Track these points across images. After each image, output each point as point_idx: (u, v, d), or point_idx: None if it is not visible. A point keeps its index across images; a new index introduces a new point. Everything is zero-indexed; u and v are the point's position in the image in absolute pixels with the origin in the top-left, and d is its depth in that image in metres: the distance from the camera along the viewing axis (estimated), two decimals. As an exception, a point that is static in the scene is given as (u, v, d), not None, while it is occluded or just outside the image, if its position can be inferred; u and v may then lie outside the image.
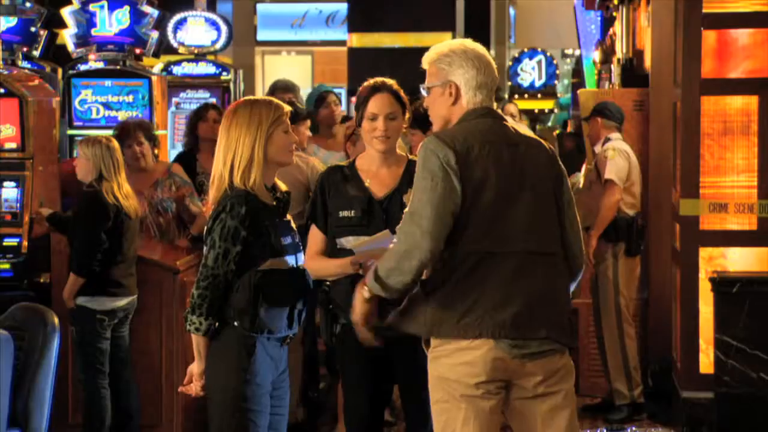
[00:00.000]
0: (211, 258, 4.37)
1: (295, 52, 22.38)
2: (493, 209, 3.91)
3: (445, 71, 4.05)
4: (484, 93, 4.03)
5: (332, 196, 4.79)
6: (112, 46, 9.54)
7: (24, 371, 5.00)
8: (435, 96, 4.07)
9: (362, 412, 4.80)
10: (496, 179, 3.91)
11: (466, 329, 3.89)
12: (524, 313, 3.90)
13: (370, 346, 4.36)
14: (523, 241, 3.93)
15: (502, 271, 3.90)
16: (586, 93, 9.14)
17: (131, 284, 6.57)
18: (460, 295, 3.90)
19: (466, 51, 4.05)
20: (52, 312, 5.19)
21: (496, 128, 4.03)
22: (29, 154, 7.42)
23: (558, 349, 3.98)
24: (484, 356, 3.90)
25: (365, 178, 4.79)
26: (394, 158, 4.82)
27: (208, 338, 4.41)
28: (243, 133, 4.41)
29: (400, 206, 4.68)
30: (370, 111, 4.75)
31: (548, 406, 3.98)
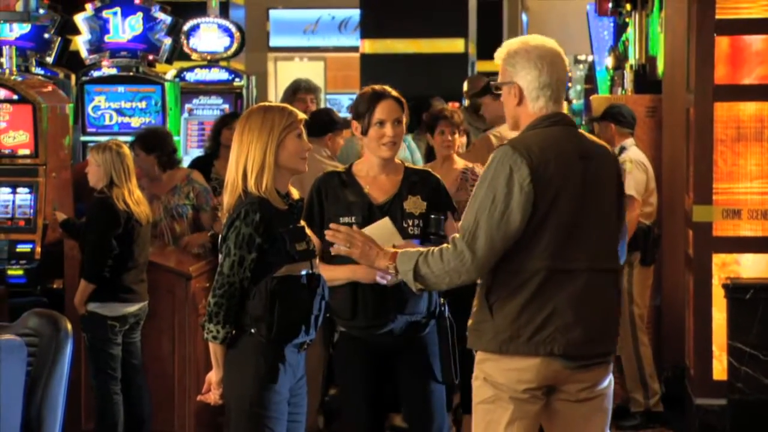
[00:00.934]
0: (227, 266, 4.36)
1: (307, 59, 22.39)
2: (564, 226, 3.87)
3: (509, 72, 4.00)
4: (548, 94, 3.96)
5: (330, 202, 4.78)
6: (125, 53, 9.56)
7: (37, 377, 5.00)
8: (504, 95, 4.04)
9: (361, 420, 4.79)
10: (568, 196, 3.88)
11: (537, 347, 3.89)
12: (593, 330, 3.93)
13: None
14: (591, 258, 3.92)
15: (572, 289, 3.89)
16: (598, 99, 9.14)
17: (142, 290, 6.57)
18: (530, 312, 3.88)
19: (529, 51, 3.97)
20: (65, 318, 5.18)
21: (570, 138, 3.98)
22: (42, 161, 7.44)
23: (608, 360, 4.04)
24: (538, 366, 3.91)
25: (364, 185, 4.78)
26: (392, 165, 4.83)
27: (225, 346, 4.41)
28: (255, 139, 4.41)
29: (401, 213, 4.69)
30: (378, 117, 4.74)
31: (588, 409, 4.01)
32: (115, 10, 9.61)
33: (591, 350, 3.95)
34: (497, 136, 7.45)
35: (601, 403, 4.04)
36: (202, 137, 11.55)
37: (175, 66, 11.49)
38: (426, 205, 4.73)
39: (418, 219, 4.70)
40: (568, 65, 4.21)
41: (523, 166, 3.83)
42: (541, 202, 3.84)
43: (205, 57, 12.21)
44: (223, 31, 12.25)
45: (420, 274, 3.97)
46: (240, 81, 12.09)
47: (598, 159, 4.00)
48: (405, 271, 4.00)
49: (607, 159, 4.06)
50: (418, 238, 4.66)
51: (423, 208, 4.72)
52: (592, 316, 3.92)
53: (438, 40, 17.28)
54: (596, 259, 3.93)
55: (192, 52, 12.19)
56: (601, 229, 3.95)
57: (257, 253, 4.36)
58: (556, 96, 3.98)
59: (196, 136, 11.73)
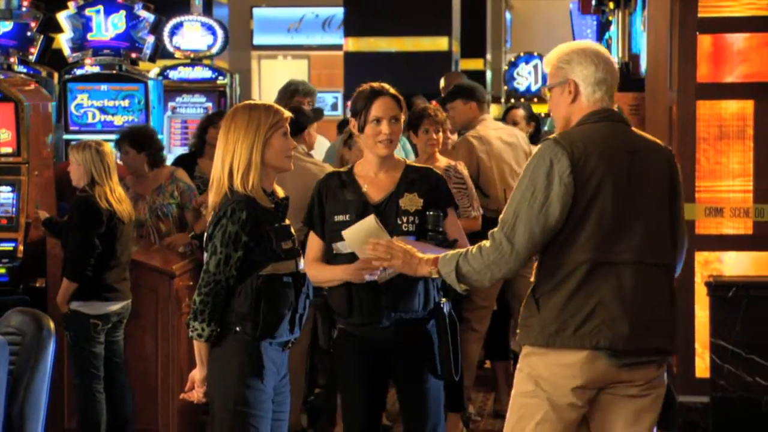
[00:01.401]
0: (213, 264, 4.36)
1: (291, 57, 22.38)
2: (607, 219, 3.89)
3: (564, 70, 4.04)
4: (603, 89, 4.02)
5: (329, 202, 4.79)
6: (108, 51, 9.55)
7: (19, 376, 4.99)
8: (555, 97, 4.07)
9: (359, 416, 4.80)
10: (611, 189, 3.89)
11: (583, 339, 3.90)
12: (641, 324, 3.92)
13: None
14: (638, 252, 3.93)
15: (618, 282, 3.90)
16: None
17: (125, 289, 6.56)
18: (575, 304, 3.90)
19: (585, 49, 4.05)
20: (47, 317, 5.17)
21: (617, 133, 4.01)
22: (25, 159, 7.42)
23: (661, 359, 4.03)
24: (584, 361, 3.92)
25: (363, 183, 4.79)
26: (391, 163, 4.83)
27: (210, 344, 4.41)
28: (241, 137, 4.40)
29: (396, 211, 4.69)
30: (374, 115, 4.74)
31: (635, 407, 4.02)
32: (98, 8, 9.59)
33: (639, 345, 3.93)
34: (476, 137, 7.46)
35: (650, 404, 4.03)
36: (186, 135, 11.54)
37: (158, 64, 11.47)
38: (423, 202, 4.72)
39: (413, 216, 4.69)
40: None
41: (564, 159, 3.87)
42: (581, 195, 3.87)
43: (188, 55, 12.20)
44: (206, 29, 12.24)
45: (461, 273, 4.00)
46: (223, 79, 12.07)
47: (648, 154, 4.02)
48: (447, 273, 4.04)
49: (659, 155, 4.07)
50: (414, 234, 4.66)
51: (419, 205, 4.71)
52: (640, 310, 3.92)
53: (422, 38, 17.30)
54: (644, 253, 3.94)
55: (175, 50, 12.18)
56: (649, 223, 3.96)
57: (243, 252, 4.36)
58: (610, 93, 4.05)
59: (179, 135, 11.72)
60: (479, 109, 7.63)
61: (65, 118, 9.25)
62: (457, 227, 4.83)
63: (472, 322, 7.25)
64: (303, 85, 8.21)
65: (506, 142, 7.51)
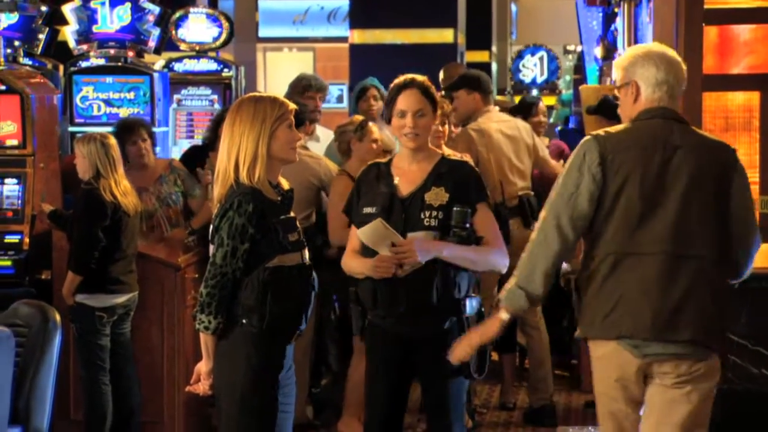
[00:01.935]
0: (220, 256, 4.36)
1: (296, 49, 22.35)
2: (634, 211, 4.04)
3: (628, 72, 4.22)
4: (664, 89, 4.17)
5: (363, 194, 4.81)
6: (113, 43, 9.55)
7: (25, 368, 5.00)
8: (622, 97, 4.26)
9: (381, 403, 4.81)
10: (638, 182, 4.05)
11: (608, 329, 4.06)
12: (665, 315, 4.01)
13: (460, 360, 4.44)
14: (666, 243, 4.03)
15: (643, 273, 4.03)
16: (587, 89, 9.12)
17: (131, 281, 6.56)
18: (603, 295, 4.06)
19: (649, 52, 4.24)
20: (53, 309, 5.20)
21: (662, 130, 4.14)
22: (30, 151, 7.43)
23: (695, 353, 4.08)
24: (611, 353, 4.08)
25: (396, 176, 4.78)
26: (424, 155, 4.80)
27: (216, 337, 4.41)
28: (247, 129, 4.40)
29: (420, 205, 4.67)
30: (399, 108, 4.75)
31: (666, 398, 4.11)
32: (103, 0, 9.59)
33: (662, 336, 4.03)
34: (476, 129, 7.44)
35: (682, 396, 4.11)
36: (191, 128, 11.55)
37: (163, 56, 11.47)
38: (449, 197, 4.68)
39: (437, 211, 4.66)
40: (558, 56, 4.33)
41: (595, 152, 4.07)
42: (609, 187, 4.05)
43: (193, 47, 12.19)
44: (211, 22, 12.23)
45: (522, 287, 4.15)
46: (229, 71, 12.06)
47: (693, 151, 4.12)
48: (519, 307, 4.17)
49: (710, 153, 4.16)
50: (436, 229, 4.64)
51: (444, 200, 4.68)
52: (665, 301, 4.01)
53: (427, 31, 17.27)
54: (672, 245, 4.03)
55: (180, 42, 12.17)
56: (685, 216, 4.05)
57: (250, 244, 4.36)
58: (671, 93, 4.18)
59: (184, 127, 11.72)
60: (483, 101, 7.61)
61: (71, 110, 9.25)
62: (487, 224, 4.75)
63: None
64: (315, 80, 8.19)
65: (507, 135, 7.49)
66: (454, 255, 4.62)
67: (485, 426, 7.51)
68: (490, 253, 4.70)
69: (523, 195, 7.40)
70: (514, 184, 7.37)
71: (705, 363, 4.10)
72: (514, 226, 7.26)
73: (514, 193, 7.35)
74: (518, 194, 7.38)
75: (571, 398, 8.20)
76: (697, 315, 4.03)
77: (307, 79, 8.14)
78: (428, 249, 4.60)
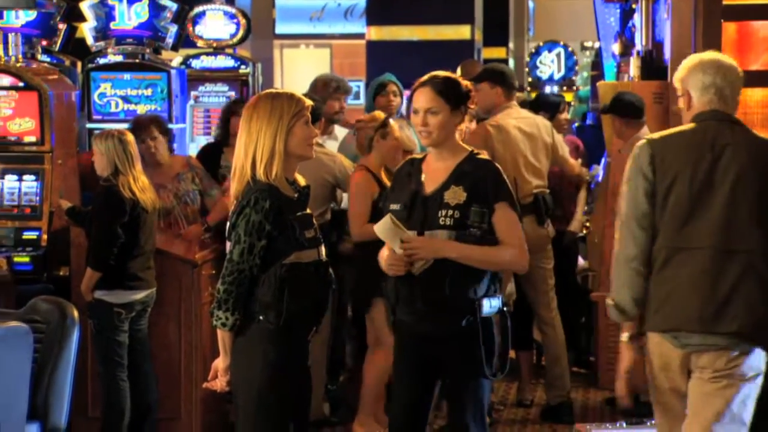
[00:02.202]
0: (237, 253, 4.36)
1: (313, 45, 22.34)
2: (683, 208, 4.24)
3: (683, 83, 4.44)
4: (712, 92, 4.35)
5: (395, 190, 4.84)
6: (131, 40, 9.55)
7: (43, 364, 5.01)
8: (682, 108, 4.46)
9: (404, 401, 4.81)
10: (688, 181, 4.24)
11: (657, 322, 4.24)
12: (712, 307, 4.15)
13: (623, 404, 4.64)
14: (714, 238, 4.18)
15: (693, 267, 4.18)
16: (605, 85, 9.09)
17: (149, 277, 6.58)
18: (656, 289, 4.25)
19: (699, 61, 4.41)
20: (71, 305, 5.21)
21: (713, 131, 4.30)
22: (48, 148, 7.45)
23: (737, 347, 4.17)
24: (657, 344, 4.26)
25: (425, 173, 4.78)
26: (449, 152, 4.77)
27: (233, 333, 4.41)
28: (264, 126, 4.40)
29: (438, 203, 4.66)
30: (413, 106, 4.77)
31: (703, 391, 4.21)
32: (120, -3, 9.60)
33: (705, 329, 4.16)
34: (494, 125, 7.41)
35: (717, 391, 4.19)
36: (208, 124, 11.56)
37: (180, 53, 11.48)
38: (466, 196, 4.65)
39: (453, 210, 4.63)
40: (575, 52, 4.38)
41: (646, 153, 4.31)
42: (660, 186, 4.27)
43: (210, 44, 12.20)
44: (229, 18, 12.24)
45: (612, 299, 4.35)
46: (246, 68, 12.08)
47: (743, 149, 4.28)
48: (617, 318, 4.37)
49: (759, 149, 4.32)
50: (451, 228, 4.62)
51: (461, 199, 4.64)
52: (715, 294, 4.14)
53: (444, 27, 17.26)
54: (720, 240, 4.17)
55: (198, 39, 12.19)
56: (732, 212, 4.19)
57: (267, 241, 4.36)
58: (721, 95, 4.35)
59: (202, 124, 11.74)
60: (505, 96, 7.54)
61: (88, 107, 9.25)
62: (506, 224, 4.69)
63: None
64: (342, 81, 8.27)
65: (525, 133, 7.44)
66: (463, 255, 4.60)
67: (502, 423, 7.50)
68: (503, 254, 4.66)
69: (538, 193, 7.36)
70: (528, 183, 7.34)
71: (746, 358, 4.16)
72: (527, 224, 7.23)
73: (528, 191, 7.32)
74: (533, 192, 7.34)
75: (588, 395, 8.19)
76: (746, 309, 4.13)
77: (336, 81, 8.20)
78: (436, 247, 4.60)
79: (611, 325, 8.05)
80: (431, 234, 4.63)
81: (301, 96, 4.52)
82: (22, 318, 5.00)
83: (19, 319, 4.95)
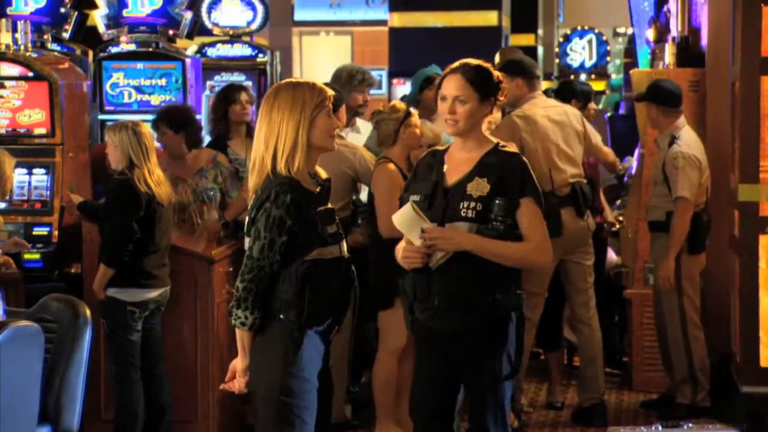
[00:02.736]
0: (256, 249, 4.36)
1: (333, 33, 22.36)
2: None
3: None
4: None
5: (416, 180, 4.83)
6: (144, 28, 9.57)
7: (55, 365, 5.03)
8: None
9: (427, 406, 4.81)
10: None
11: None
12: None
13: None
14: None
15: None
16: (639, 73, 9.08)
17: (164, 275, 6.59)
18: None
19: None
20: (83, 303, 5.22)
21: None
22: (59, 140, 7.47)
23: None
24: None
25: (447, 164, 4.78)
26: (474, 143, 4.77)
27: (252, 332, 4.42)
28: (286, 117, 4.39)
29: (461, 195, 4.66)
30: (441, 92, 4.77)
31: None
32: (133, -17, 9.62)
33: None
34: (521, 116, 7.39)
35: None
36: (225, 115, 11.55)
37: (196, 41, 11.52)
38: (489, 188, 4.64)
39: (475, 202, 4.63)
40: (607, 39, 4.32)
41: None
42: None
43: (227, 32, 12.23)
44: (245, 5, 12.26)
45: None
46: (264, 57, 12.10)
47: None
48: None
49: None
50: (473, 221, 4.61)
51: (485, 192, 4.64)
52: None
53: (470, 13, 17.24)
54: None
55: (214, 26, 12.22)
56: None
57: (288, 236, 4.36)
58: None
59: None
60: (528, 86, 7.52)
61: (100, 97, 9.28)
62: (530, 220, 4.68)
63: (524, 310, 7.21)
64: (368, 73, 8.23)
65: (554, 121, 7.42)
66: (484, 249, 4.59)
67: (532, 426, 7.49)
68: (525, 251, 4.65)
69: (575, 183, 7.33)
70: (563, 172, 7.31)
71: None
72: (566, 216, 7.21)
73: (564, 181, 7.29)
74: (569, 182, 7.31)
75: (622, 397, 8.17)
76: None
77: (362, 73, 8.17)
78: (456, 240, 4.59)
79: (646, 324, 8.03)
80: (452, 226, 4.63)
81: (323, 86, 4.51)
82: (33, 317, 5.01)
83: (30, 318, 4.96)
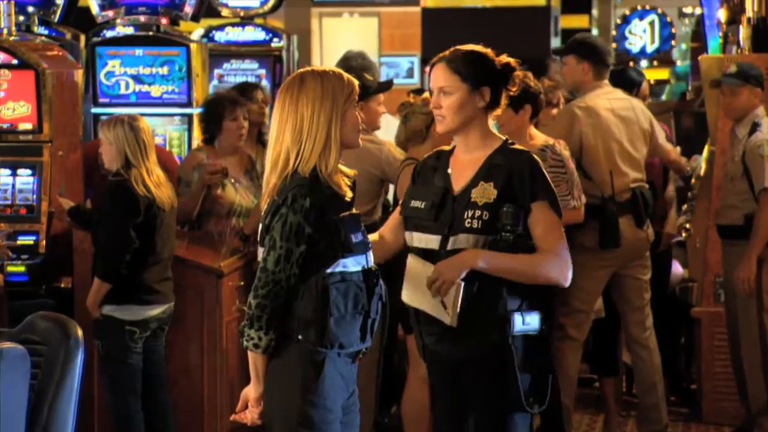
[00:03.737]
0: (272, 261, 4.35)
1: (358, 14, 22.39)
2: None
3: None
4: None
5: (418, 183, 4.81)
6: (143, 9, 9.62)
7: (42, 392, 5.05)
8: None
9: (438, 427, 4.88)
10: None
11: None
12: None
13: None
14: None
15: None
16: (708, 59, 9.06)
17: (167, 290, 6.61)
18: None
19: None
20: (74, 323, 5.22)
21: None
22: (47, 137, 7.50)
23: None
24: None
25: (452, 167, 4.75)
26: (477, 142, 4.73)
27: (268, 356, 4.42)
28: (317, 109, 4.36)
29: (465, 203, 4.63)
30: (430, 85, 4.78)
31: None
32: (131, -42, 9.67)
33: None
34: (582, 107, 7.37)
35: None
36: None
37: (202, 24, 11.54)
38: (496, 194, 4.59)
39: (481, 210, 4.58)
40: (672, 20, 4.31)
41: None
42: None
43: (237, 13, 12.25)
44: (258, -18, 12.27)
45: None
46: (279, 42, 12.12)
47: None
48: None
49: None
50: (478, 232, 4.57)
51: (491, 198, 4.58)
52: None
53: (514, -9, 17.23)
54: None
55: (222, 7, 12.24)
56: None
57: (307, 246, 4.36)
58: None
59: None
60: (594, 73, 7.46)
61: (94, 88, 9.33)
62: (544, 228, 4.61)
63: (569, 329, 7.21)
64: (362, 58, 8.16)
65: (619, 116, 7.38)
66: (493, 264, 4.54)
67: (586, 463, 7.50)
68: (541, 264, 4.58)
69: (636, 187, 7.31)
70: (625, 175, 7.29)
71: None
72: (624, 226, 7.19)
73: (625, 185, 7.26)
74: (630, 187, 7.29)
75: (689, 430, 8.15)
76: None
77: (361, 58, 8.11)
78: (457, 264, 4.52)
79: (717, 347, 8.01)
80: (454, 239, 4.60)
81: (350, 76, 4.50)
82: (17, 338, 5.03)
83: (14, 339, 4.98)
